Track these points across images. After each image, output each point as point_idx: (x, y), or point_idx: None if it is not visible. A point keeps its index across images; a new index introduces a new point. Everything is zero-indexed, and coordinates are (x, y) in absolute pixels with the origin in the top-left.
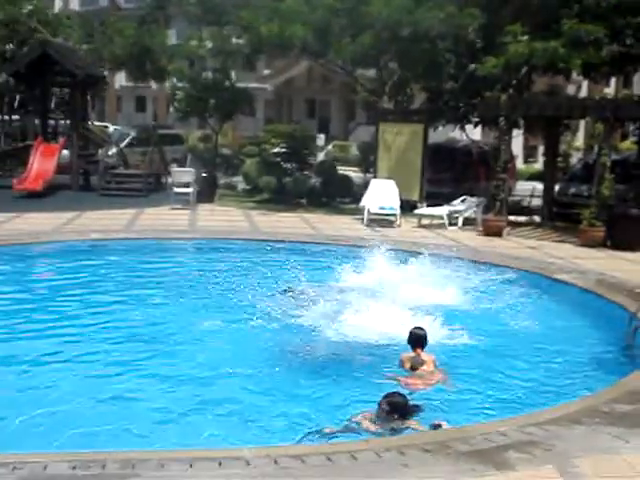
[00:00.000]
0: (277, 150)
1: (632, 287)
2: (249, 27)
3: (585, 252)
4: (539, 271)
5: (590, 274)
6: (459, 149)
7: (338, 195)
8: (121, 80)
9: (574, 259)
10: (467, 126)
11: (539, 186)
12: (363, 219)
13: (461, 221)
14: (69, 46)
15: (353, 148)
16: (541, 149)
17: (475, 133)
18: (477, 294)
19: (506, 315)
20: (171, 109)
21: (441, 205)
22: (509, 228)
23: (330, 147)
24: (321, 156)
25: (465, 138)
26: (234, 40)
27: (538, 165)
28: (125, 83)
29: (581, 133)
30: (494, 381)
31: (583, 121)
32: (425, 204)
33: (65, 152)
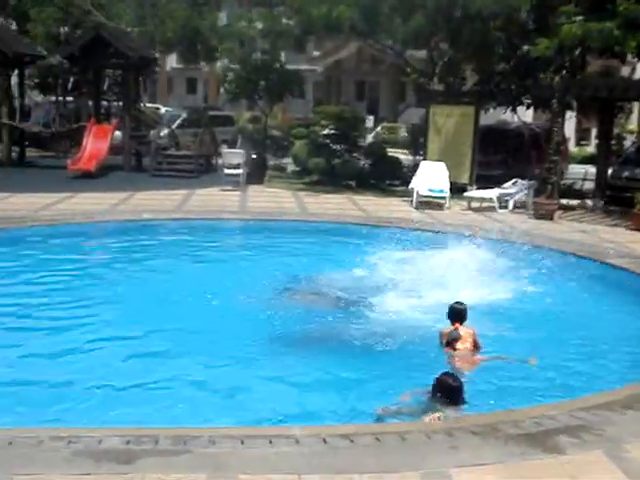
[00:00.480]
0: (326, 132)
1: None
2: (299, 8)
3: (639, 236)
4: (591, 255)
5: None
6: (510, 131)
7: (387, 177)
8: (172, 62)
9: (627, 243)
10: (519, 108)
11: (592, 169)
12: (412, 201)
13: (512, 204)
14: (122, 29)
15: (402, 130)
16: (594, 132)
17: (527, 115)
18: (527, 278)
19: (556, 300)
20: (221, 91)
21: (491, 188)
22: (560, 212)
23: (379, 129)
24: (370, 138)
25: (516, 120)
26: (284, 21)
27: (591, 148)
28: (176, 65)
29: (635, 116)
30: (543, 366)
31: (638, 103)
32: (475, 187)
33: (118, 133)
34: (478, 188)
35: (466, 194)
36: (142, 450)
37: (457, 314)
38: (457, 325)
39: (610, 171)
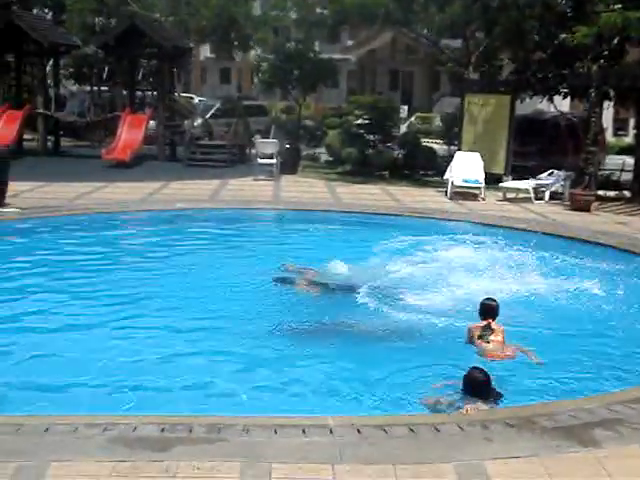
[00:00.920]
0: (360, 122)
1: None
2: None
3: None
4: (628, 247)
5: None
6: (547, 121)
7: (421, 167)
8: (206, 52)
9: None
10: (555, 97)
11: (629, 160)
12: (447, 192)
13: (548, 195)
14: (156, 18)
15: (437, 120)
16: (632, 122)
17: (563, 105)
18: (563, 270)
19: (593, 293)
20: (255, 80)
21: (527, 179)
22: (598, 203)
23: (413, 119)
24: (404, 128)
25: (553, 110)
26: (318, 10)
27: (629, 138)
28: (210, 55)
29: None
30: (580, 359)
31: None
32: (510, 177)
33: (152, 123)
34: (514, 179)
35: (501, 185)
36: (176, 438)
37: (490, 310)
38: (490, 321)
39: None
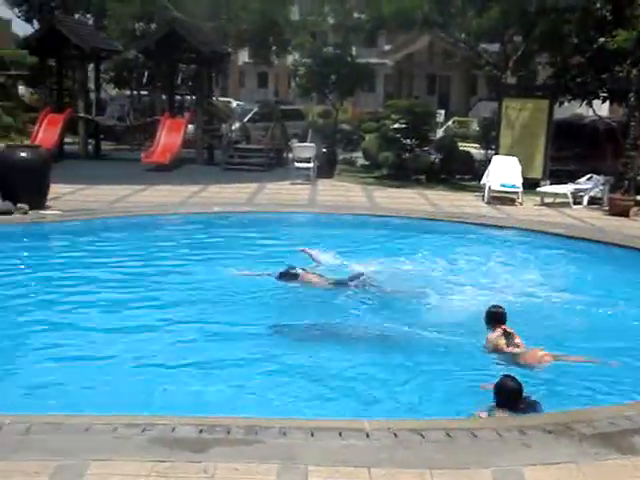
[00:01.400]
0: (397, 126)
1: None
2: (371, 2)
3: None
4: None
5: None
6: (585, 125)
7: (458, 172)
8: (244, 57)
9: None
10: (594, 102)
11: None
12: (484, 196)
13: (586, 200)
14: (195, 23)
15: (474, 124)
16: None
17: (602, 109)
18: (599, 277)
19: (629, 301)
20: (292, 85)
21: (565, 183)
22: (637, 208)
23: (450, 123)
24: (441, 132)
25: (591, 114)
26: (356, 15)
27: None
28: (248, 60)
29: None
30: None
31: None
32: (548, 182)
33: (191, 127)
34: (551, 183)
35: (539, 189)
36: (214, 439)
37: (501, 316)
38: (503, 327)
39: None
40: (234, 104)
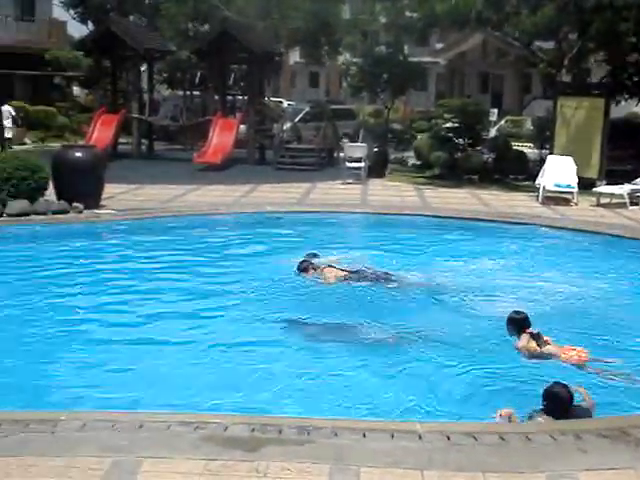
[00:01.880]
0: (449, 125)
1: None
2: (423, 0)
3: None
4: None
5: None
6: None
7: (511, 172)
8: (295, 57)
9: None
10: None
11: None
12: (538, 197)
13: None
14: (247, 23)
15: (527, 123)
16: None
17: None
18: None
19: None
20: (343, 84)
21: (621, 183)
22: None
23: (503, 122)
24: (493, 131)
25: None
26: (407, 14)
27: None
28: (299, 59)
29: None
30: None
31: None
32: (604, 182)
33: (242, 127)
34: (608, 183)
35: (595, 190)
36: (266, 438)
37: (524, 320)
38: (529, 330)
39: None
40: (285, 104)
